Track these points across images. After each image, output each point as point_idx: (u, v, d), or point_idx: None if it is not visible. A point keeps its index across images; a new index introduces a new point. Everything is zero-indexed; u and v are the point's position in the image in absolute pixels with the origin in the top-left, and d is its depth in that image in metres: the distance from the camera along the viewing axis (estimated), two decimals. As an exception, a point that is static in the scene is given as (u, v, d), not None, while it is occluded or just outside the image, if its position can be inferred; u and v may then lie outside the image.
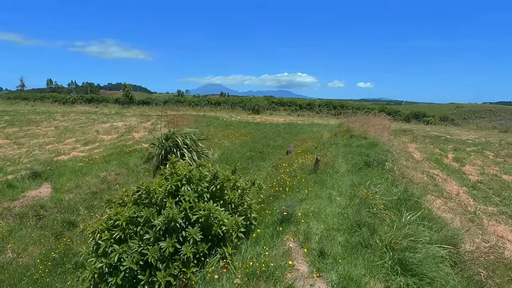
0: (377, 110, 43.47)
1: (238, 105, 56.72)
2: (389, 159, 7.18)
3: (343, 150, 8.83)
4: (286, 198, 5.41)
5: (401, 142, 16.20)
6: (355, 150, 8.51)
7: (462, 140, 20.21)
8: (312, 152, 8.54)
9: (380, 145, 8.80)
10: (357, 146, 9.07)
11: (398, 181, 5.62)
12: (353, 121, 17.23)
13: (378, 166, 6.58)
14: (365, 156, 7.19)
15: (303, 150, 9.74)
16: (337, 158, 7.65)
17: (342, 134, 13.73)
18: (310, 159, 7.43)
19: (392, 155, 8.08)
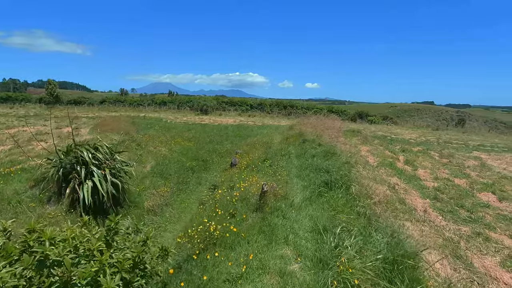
0: (326, 110, 44.42)
1: (186, 105, 53.32)
2: (352, 176, 5.92)
3: (297, 163, 7.42)
4: (209, 271, 3.41)
5: (353, 144, 15.67)
6: (311, 162, 7.15)
7: (406, 140, 20.83)
8: (259, 169, 6.89)
9: (338, 154, 7.63)
10: (312, 157, 7.76)
11: (373, 216, 4.28)
12: (305, 124, 16.29)
13: (341, 188, 5.25)
14: (324, 173, 5.86)
15: (250, 162, 8.07)
16: (290, 178, 6.14)
17: (294, 139, 12.49)
18: (255, 181, 5.75)
19: (352, 167, 6.91)
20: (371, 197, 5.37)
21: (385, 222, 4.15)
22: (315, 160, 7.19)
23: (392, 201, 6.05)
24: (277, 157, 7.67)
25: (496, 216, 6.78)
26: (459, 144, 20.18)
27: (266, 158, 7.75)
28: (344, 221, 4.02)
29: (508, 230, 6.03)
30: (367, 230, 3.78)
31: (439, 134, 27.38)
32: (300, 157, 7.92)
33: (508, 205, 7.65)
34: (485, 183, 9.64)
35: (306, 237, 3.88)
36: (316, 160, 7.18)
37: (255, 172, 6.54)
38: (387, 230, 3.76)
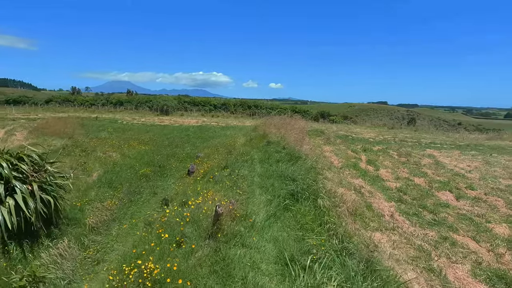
0: (290, 110, 44.84)
1: (145, 105, 50.32)
2: (319, 184, 5.46)
3: (261, 170, 6.82)
4: None
5: (317, 145, 15.62)
6: (275, 169, 6.60)
7: (365, 139, 21.48)
8: (217, 179, 6.09)
9: (303, 158, 7.21)
10: (276, 162, 7.24)
11: (346, 236, 3.79)
12: (269, 124, 15.87)
13: (309, 200, 4.76)
14: (290, 182, 5.35)
15: (208, 170, 7.25)
16: (252, 189, 5.49)
17: (258, 140, 11.94)
18: (211, 196, 4.92)
19: (319, 173, 6.50)
20: (339, 205, 4.98)
21: (358, 241, 3.71)
22: (280, 166, 6.66)
23: (360, 207, 5.75)
24: (239, 164, 6.98)
25: (457, 216, 6.84)
26: (413, 142, 21.30)
27: (226, 165, 6.99)
28: (315, 246, 3.50)
29: (469, 230, 6.06)
30: (341, 256, 3.30)
31: (395, 133, 28.91)
32: (264, 162, 7.34)
33: (465, 203, 7.85)
34: (441, 181, 9.96)
35: (270, 273, 3.23)
36: (281, 166, 6.65)
37: (212, 184, 5.74)
38: (362, 253, 3.32)
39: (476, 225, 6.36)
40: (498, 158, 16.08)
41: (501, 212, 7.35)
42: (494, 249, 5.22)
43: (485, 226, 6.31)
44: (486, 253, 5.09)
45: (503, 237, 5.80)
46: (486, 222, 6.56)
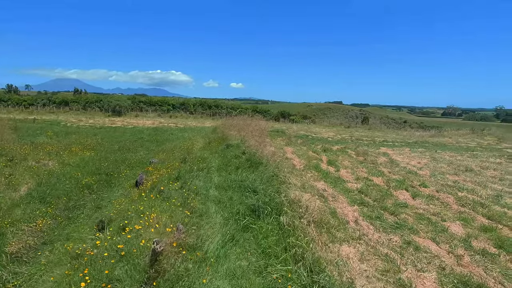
0: (251, 110, 44.56)
1: (95, 105, 46.16)
2: (282, 196, 4.98)
3: (218, 180, 6.19)
4: None
5: (279, 146, 15.40)
6: (235, 178, 6.02)
7: (325, 139, 21.94)
8: (166, 195, 5.25)
9: (264, 164, 6.75)
10: (236, 169, 6.67)
11: (315, 263, 3.34)
12: (229, 126, 15.24)
13: (272, 215, 4.26)
14: (251, 193, 4.82)
15: (158, 181, 6.36)
16: (207, 206, 4.79)
17: (218, 144, 11.27)
18: (155, 220, 4.06)
19: (282, 182, 6.06)
20: (304, 216, 4.59)
21: (329, 268, 3.30)
22: (240, 174, 6.10)
23: (325, 215, 5.44)
24: (193, 173, 6.24)
25: (415, 216, 6.93)
26: (368, 141, 22.31)
27: (178, 175, 6.19)
28: (280, 280, 3.00)
29: (428, 231, 6.11)
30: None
31: (351, 132, 30.19)
32: (222, 170, 6.71)
33: (421, 202, 8.06)
34: (397, 180, 10.26)
35: None
36: (241, 174, 6.10)
37: (159, 201, 4.90)
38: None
39: (433, 225, 6.46)
40: (442, 155, 17.41)
41: (453, 209, 7.66)
42: (453, 250, 5.25)
43: (442, 225, 6.44)
44: (446, 255, 5.08)
45: (459, 236, 5.92)
46: (442, 221, 6.73)
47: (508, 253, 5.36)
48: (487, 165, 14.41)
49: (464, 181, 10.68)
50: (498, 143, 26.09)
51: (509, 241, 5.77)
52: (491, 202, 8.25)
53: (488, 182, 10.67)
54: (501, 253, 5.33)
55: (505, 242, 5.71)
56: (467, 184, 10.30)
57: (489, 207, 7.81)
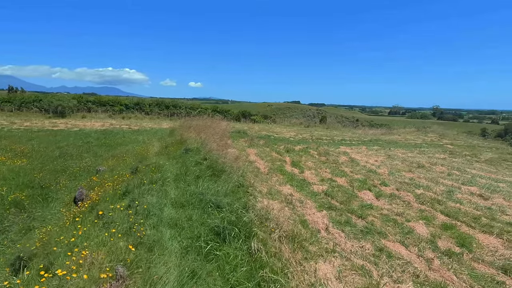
0: (211, 110, 43.40)
1: (33, 105, 40.96)
2: (251, 212, 4.40)
3: (175, 193, 5.38)
4: None
5: (241, 148, 14.83)
6: (194, 190, 5.28)
7: (286, 139, 21.93)
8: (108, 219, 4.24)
9: (228, 171, 6.12)
10: (196, 178, 5.94)
11: None
12: (187, 127, 14.26)
13: (240, 239, 3.65)
14: (214, 210, 4.17)
15: (101, 198, 5.32)
16: (160, 232, 3.90)
17: (175, 148, 10.33)
18: (86, 259, 3.11)
19: (249, 193, 5.48)
20: (275, 231, 4.11)
21: None
22: (201, 185, 5.38)
23: (296, 226, 5.03)
24: (145, 187, 5.34)
25: (381, 218, 6.90)
26: (328, 140, 22.86)
27: (126, 190, 5.23)
28: None
29: (396, 234, 6.05)
30: None
31: (310, 131, 30.84)
32: (180, 180, 5.91)
33: (384, 202, 8.13)
34: (360, 179, 10.36)
35: None
36: (202, 185, 5.39)
37: (97, 228, 3.88)
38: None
39: (399, 226, 6.46)
40: (395, 152, 18.42)
41: (414, 207, 7.83)
42: (422, 253, 5.20)
43: (407, 226, 6.46)
44: (417, 259, 5.00)
45: (425, 237, 5.95)
46: (406, 221, 6.77)
47: (469, 251, 5.48)
48: (435, 161, 15.52)
49: (419, 178, 11.20)
50: (439, 139, 28.66)
51: (469, 238, 5.95)
52: (445, 198, 8.65)
53: (439, 178, 11.34)
54: (463, 251, 5.43)
55: (466, 240, 5.87)
56: (421, 181, 10.80)
57: (445, 204, 8.16)
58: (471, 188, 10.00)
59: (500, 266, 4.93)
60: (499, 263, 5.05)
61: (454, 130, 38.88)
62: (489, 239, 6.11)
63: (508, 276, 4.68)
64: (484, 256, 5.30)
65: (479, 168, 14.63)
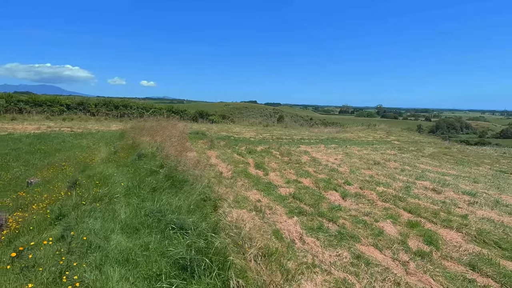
0: (166, 110, 41.14)
1: None
2: (222, 234, 3.71)
3: (126, 213, 4.42)
4: None
5: (201, 150, 13.96)
6: (151, 207, 4.38)
7: (247, 139, 21.49)
8: (30, 261, 3.12)
9: (190, 181, 5.37)
10: (152, 191, 5.06)
11: None
12: (140, 129, 12.93)
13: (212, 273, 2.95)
14: (176, 234, 3.42)
15: (24, 225, 4.15)
16: (105, 273, 2.96)
17: (126, 153, 9.15)
18: None
19: (217, 206, 4.80)
20: (250, 251, 3.56)
21: None
22: (158, 199, 4.54)
23: (270, 239, 4.54)
24: (86, 206, 4.28)
25: (351, 220, 6.77)
26: (288, 139, 22.98)
27: (60, 212, 4.13)
28: None
29: (368, 236, 5.92)
30: None
31: (270, 131, 30.88)
32: (133, 195, 4.96)
33: (351, 202, 8.09)
34: (324, 179, 10.31)
35: None
36: (160, 199, 4.54)
37: (12, 278, 2.84)
38: None
39: (369, 227, 6.37)
40: (352, 149, 19.13)
41: (378, 206, 7.91)
42: (397, 257, 5.10)
43: (376, 227, 6.41)
44: (393, 264, 4.87)
45: (395, 237, 5.92)
46: (375, 221, 6.73)
47: (437, 249, 5.55)
48: (388, 157, 16.39)
49: (377, 175, 11.57)
50: (387, 136, 30.81)
51: (434, 235, 6.06)
52: (405, 195, 8.95)
53: (395, 174, 11.87)
54: (432, 250, 5.48)
55: (432, 237, 5.97)
56: (380, 178, 11.16)
57: (406, 200, 8.41)
58: (424, 183, 10.58)
59: (467, 263, 5.03)
60: (465, 259, 5.17)
61: (398, 127, 42.48)
62: (451, 234, 6.32)
63: (476, 272, 4.77)
64: (451, 253, 5.39)
65: (425, 162, 15.78)
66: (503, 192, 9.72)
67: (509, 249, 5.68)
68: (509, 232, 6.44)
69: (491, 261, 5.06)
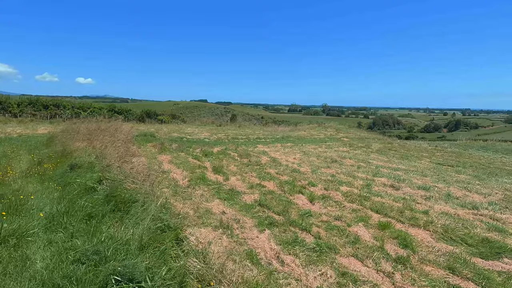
0: (107, 110, 37.15)
1: None
2: None
3: (44, 261, 3.05)
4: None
5: (151, 155, 12.42)
6: (83, 248, 3.04)
7: (201, 140, 20.24)
8: None
9: (141, 201, 4.22)
10: (88, 219, 3.74)
11: None
12: (75, 133, 10.89)
13: None
14: None
15: None
16: None
17: (55, 163, 7.41)
18: None
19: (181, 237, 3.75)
20: None
21: None
22: (96, 234, 3.27)
23: (245, 264, 3.75)
24: None
25: (324, 227, 6.34)
26: (244, 139, 22.31)
27: None
28: None
29: (345, 245, 5.52)
30: None
31: (224, 130, 29.88)
32: (58, 228, 3.53)
33: (320, 206, 7.72)
34: (287, 181, 9.85)
35: None
36: (98, 231, 3.29)
37: None
38: None
39: (344, 234, 6.00)
40: (308, 148, 19.27)
41: (347, 207, 7.66)
42: (380, 267, 4.74)
43: (351, 232, 6.06)
44: (379, 277, 4.49)
45: (372, 244, 5.61)
46: (347, 226, 6.40)
47: (413, 252, 5.38)
48: (342, 154, 16.79)
49: (337, 174, 11.54)
50: (337, 133, 32.17)
51: (407, 237, 5.92)
52: (368, 193, 8.92)
53: (353, 172, 11.99)
54: (409, 254, 5.28)
55: (405, 239, 5.81)
56: (341, 176, 11.12)
57: (371, 199, 8.34)
58: (381, 180, 10.82)
59: (445, 266, 4.90)
60: (442, 261, 5.05)
61: (343, 124, 45.09)
62: (420, 233, 6.28)
63: (457, 275, 4.64)
64: (427, 255, 5.25)
65: (376, 158, 16.50)
66: (450, 185, 10.40)
67: (474, 244, 5.78)
68: (468, 226, 6.66)
69: (465, 261, 5.01)
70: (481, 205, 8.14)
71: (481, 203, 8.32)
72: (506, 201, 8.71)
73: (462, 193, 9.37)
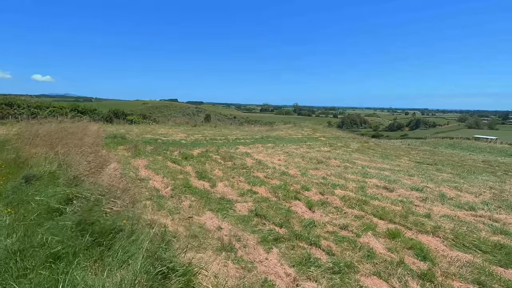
0: (70, 110, 34.01)
1: None
2: None
3: None
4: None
5: (124, 160, 11.07)
6: None
7: (178, 141, 18.93)
8: None
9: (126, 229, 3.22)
10: (51, 262, 2.73)
11: None
12: (32, 136, 9.28)
13: None
14: None
15: None
16: None
17: (4, 175, 6.03)
18: None
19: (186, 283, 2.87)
20: None
21: None
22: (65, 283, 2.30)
23: None
24: None
25: (332, 239, 5.72)
26: (223, 140, 21.32)
27: None
28: None
29: (362, 260, 4.92)
30: None
31: (200, 131, 28.56)
32: (7, 279, 2.51)
33: (320, 214, 7.12)
34: (279, 186, 9.18)
35: None
36: (70, 281, 2.32)
37: None
38: None
39: (356, 246, 5.43)
40: (290, 148, 18.78)
41: (349, 214, 7.14)
42: (407, 286, 4.16)
43: (363, 245, 5.51)
44: (411, 300, 3.89)
45: (388, 256, 5.08)
46: (356, 237, 5.85)
47: (433, 264, 4.93)
48: (326, 155, 16.50)
49: (328, 176, 11.10)
50: (313, 133, 32.22)
51: (421, 246, 5.49)
52: (364, 197, 8.51)
53: (343, 173, 11.62)
54: (430, 267, 4.82)
55: (421, 249, 5.37)
56: (332, 179, 10.67)
57: (369, 203, 7.92)
58: (372, 181, 10.54)
59: (472, 279, 4.49)
60: (466, 274, 4.64)
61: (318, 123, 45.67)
62: (430, 240, 5.91)
63: (489, 291, 4.22)
64: (449, 268, 4.83)
65: (358, 158, 16.40)
66: (439, 185, 10.37)
67: (489, 251, 5.50)
68: (473, 230, 6.43)
69: (490, 272, 4.64)
70: (476, 206, 8.07)
71: (475, 203, 8.26)
72: (497, 200, 8.76)
73: (454, 193, 9.32)
